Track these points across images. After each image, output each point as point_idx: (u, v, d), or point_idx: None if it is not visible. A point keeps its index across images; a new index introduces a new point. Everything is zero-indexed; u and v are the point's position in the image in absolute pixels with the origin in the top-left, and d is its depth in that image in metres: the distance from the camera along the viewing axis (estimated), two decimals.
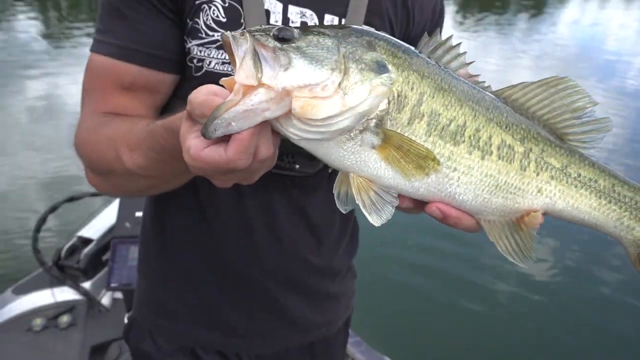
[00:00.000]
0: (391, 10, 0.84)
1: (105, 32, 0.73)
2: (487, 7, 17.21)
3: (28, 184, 4.12)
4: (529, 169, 0.60)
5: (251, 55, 0.47)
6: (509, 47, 10.51)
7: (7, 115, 5.64)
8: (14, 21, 10.87)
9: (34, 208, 3.70)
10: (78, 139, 0.76)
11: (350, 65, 0.50)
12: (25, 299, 1.80)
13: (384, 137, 0.52)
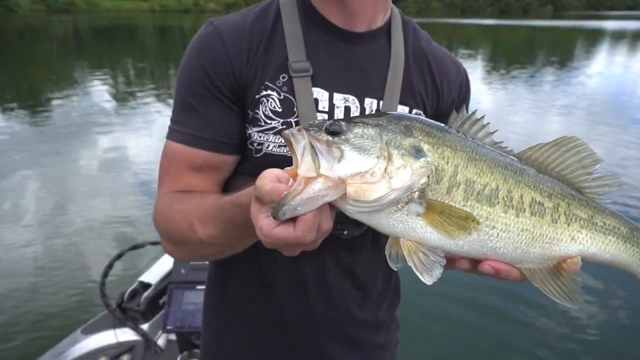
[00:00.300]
0: (422, 90, 0.87)
1: (179, 123, 0.81)
2: (514, 62, 17.14)
3: (94, 230, 4.24)
4: (560, 221, 0.63)
5: (309, 150, 0.52)
6: (537, 99, 10.30)
7: (79, 167, 5.93)
8: (90, 87, 11.67)
9: (100, 252, 3.82)
10: (156, 214, 0.82)
11: (393, 151, 0.55)
12: (92, 339, 1.83)
13: (427, 206, 0.56)
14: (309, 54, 0.80)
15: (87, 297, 3.17)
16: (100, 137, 7.27)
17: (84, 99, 10.20)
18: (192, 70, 0.79)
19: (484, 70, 14.99)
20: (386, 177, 0.53)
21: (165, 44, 25.18)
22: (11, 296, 3.28)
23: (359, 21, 0.82)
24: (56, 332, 2.41)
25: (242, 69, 0.78)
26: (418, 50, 0.88)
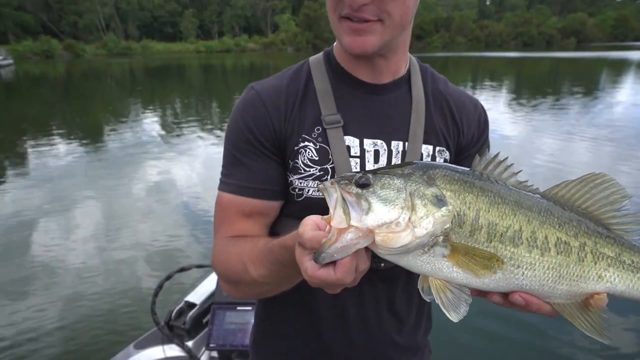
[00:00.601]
0: (443, 128, 0.89)
1: (228, 176, 0.86)
2: (539, 92, 16.78)
3: (144, 251, 4.34)
4: (587, 259, 0.61)
5: (341, 202, 0.55)
6: (564, 128, 9.92)
7: (131, 192, 6.12)
8: (142, 120, 12.22)
9: (149, 272, 3.94)
10: (214, 258, 0.87)
11: (416, 202, 0.55)
12: (143, 353, 1.86)
13: (452, 248, 0.57)
14: (338, 106, 0.84)
15: (139, 314, 3.24)
16: (150, 165, 7.53)
17: (136, 130, 10.67)
18: (238, 129, 0.85)
19: (509, 101, 14.72)
20: (410, 226, 0.54)
21: (208, 81, 26.02)
22: (72, 312, 3.39)
23: (384, 76, 0.86)
24: (112, 346, 2.46)
25: (281, 125, 0.83)
26: (437, 93, 0.90)
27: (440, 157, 0.87)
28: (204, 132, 10.37)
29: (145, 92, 20.55)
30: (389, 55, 0.84)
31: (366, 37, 0.75)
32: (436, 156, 0.87)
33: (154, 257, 4.24)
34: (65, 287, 3.76)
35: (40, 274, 4.02)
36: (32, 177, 7.09)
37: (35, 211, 5.50)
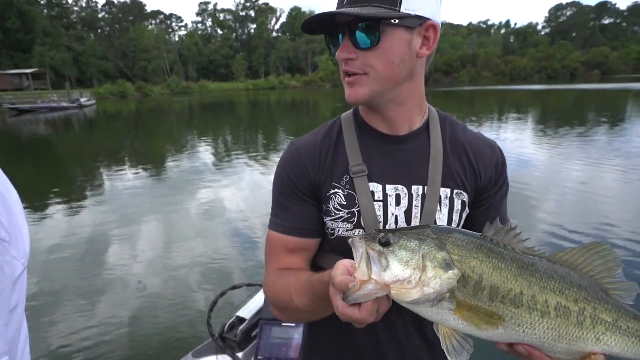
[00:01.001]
0: (461, 172, 0.88)
1: (276, 217, 0.91)
2: (565, 123, 16.12)
3: (198, 268, 4.44)
4: (585, 323, 0.61)
5: (365, 258, 0.59)
6: (592, 158, 9.37)
7: (187, 215, 6.31)
8: (198, 149, 12.74)
9: (204, 287, 4.03)
10: (265, 287, 0.92)
11: (427, 264, 0.58)
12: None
13: (457, 304, 0.59)
14: (364, 157, 0.87)
15: (196, 325, 3.32)
16: (204, 189, 7.75)
17: (193, 158, 11.12)
18: (282, 179, 0.90)
19: (535, 131, 14.23)
20: (420, 284, 0.57)
21: (255, 115, 26.83)
22: (135, 323, 3.49)
23: (400, 128, 0.88)
24: (173, 353, 2.53)
25: (316, 175, 0.88)
26: (455, 140, 0.90)
27: (458, 199, 0.87)
28: (251, 160, 10.64)
29: (201, 125, 21.43)
30: (395, 108, 0.85)
31: (357, 89, 0.80)
32: (454, 198, 0.87)
33: (208, 274, 4.33)
34: (132, 297, 3.90)
35: (111, 284, 4.18)
36: (106, 198, 7.52)
37: (107, 228, 5.79)
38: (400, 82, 0.81)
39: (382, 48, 0.76)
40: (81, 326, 3.48)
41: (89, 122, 25.22)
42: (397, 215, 0.85)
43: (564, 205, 6.36)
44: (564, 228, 5.32)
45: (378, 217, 0.84)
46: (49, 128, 21.76)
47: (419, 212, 0.85)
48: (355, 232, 0.85)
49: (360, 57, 0.77)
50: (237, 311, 2.12)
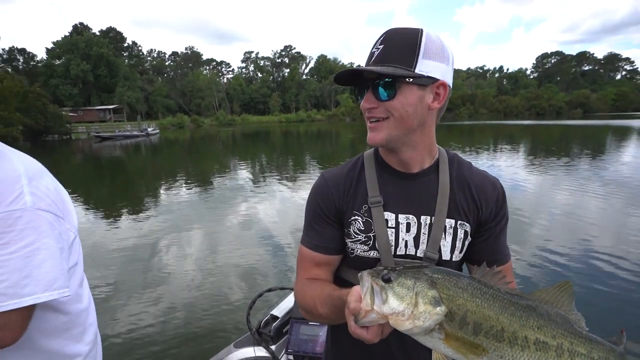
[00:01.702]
0: (465, 205, 0.87)
1: (306, 235, 0.92)
2: (552, 154, 15.65)
3: (236, 271, 4.44)
4: (563, 356, 0.59)
5: (370, 290, 0.60)
6: (576, 185, 9.06)
7: (228, 225, 6.36)
8: (238, 171, 12.93)
9: (243, 287, 4.02)
10: (296, 293, 0.93)
11: (419, 300, 0.58)
12: (240, 352, 1.89)
13: (446, 334, 0.58)
14: (381, 189, 0.87)
15: (237, 319, 3.32)
16: (242, 204, 7.82)
17: (233, 179, 11.25)
18: (312, 204, 0.92)
19: (525, 161, 13.83)
20: (412, 317, 0.57)
21: (287, 142, 27.18)
22: (186, 313, 3.51)
23: (412, 167, 0.87)
24: (218, 342, 2.53)
25: (341, 203, 0.88)
26: (461, 177, 0.88)
27: (461, 229, 0.85)
28: (282, 179, 10.73)
29: (242, 150, 21.90)
30: (408, 151, 0.85)
31: (377, 133, 0.81)
32: (458, 228, 0.85)
33: (246, 276, 4.33)
34: (185, 291, 3.92)
35: (167, 279, 4.24)
36: (165, 208, 7.70)
37: (164, 233, 5.92)
38: (413, 129, 0.82)
39: (397, 100, 0.77)
40: (142, 311, 3.53)
41: (153, 147, 26.15)
42: (406, 240, 0.84)
43: (552, 225, 6.11)
44: (551, 246, 5.10)
45: (390, 242, 0.84)
46: (123, 152, 22.68)
47: (426, 239, 0.84)
48: (371, 253, 0.85)
49: (379, 106, 0.79)
50: (271, 310, 2.10)
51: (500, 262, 0.89)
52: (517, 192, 8.41)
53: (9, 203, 0.72)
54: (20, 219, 0.72)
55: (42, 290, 0.72)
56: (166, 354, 2.93)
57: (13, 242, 0.70)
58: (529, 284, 4.00)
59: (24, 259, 0.71)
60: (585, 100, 78.66)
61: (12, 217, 0.71)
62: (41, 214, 0.75)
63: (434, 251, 0.83)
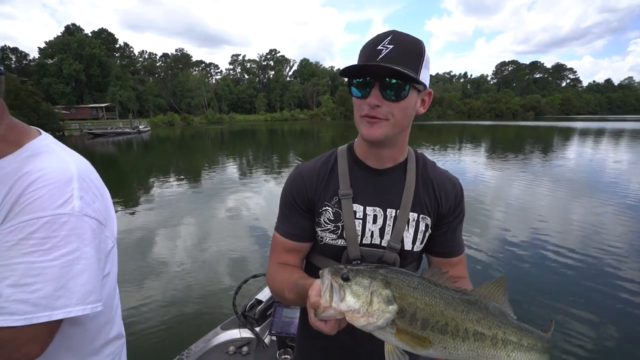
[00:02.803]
0: (427, 200, 0.87)
1: (279, 222, 0.91)
2: (508, 151, 16.20)
3: (224, 258, 4.38)
4: (498, 345, 0.61)
5: (329, 288, 0.59)
6: (528, 177, 9.54)
7: (216, 217, 6.24)
8: (226, 166, 12.69)
9: (230, 274, 3.96)
10: (267, 276, 0.91)
11: (374, 299, 0.58)
12: (227, 333, 1.86)
13: (397, 329, 0.59)
14: (352, 183, 0.86)
15: (224, 303, 3.27)
16: (230, 197, 7.69)
17: (221, 173, 11.01)
18: (286, 195, 0.90)
19: (486, 157, 14.26)
20: (366, 315, 0.57)
21: (272, 140, 26.85)
22: (175, 298, 3.44)
23: (385, 163, 0.87)
24: (206, 325, 2.48)
25: (313, 194, 0.87)
26: (425, 176, 0.88)
27: (423, 222, 0.85)
28: (267, 175, 10.61)
29: (230, 147, 21.48)
30: (391, 147, 0.85)
31: (376, 128, 0.77)
32: (420, 221, 0.85)
33: (232, 263, 4.27)
34: (174, 278, 3.83)
35: (157, 267, 4.13)
36: (156, 201, 7.46)
37: (155, 225, 5.75)
38: (404, 130, 0.82)
39: (404, 103, 0.75)
40: (133, 297, 3.43)
41: (145, 143, 25.28)
42: (372, 231, 0.83)
43: (509, 213, 6.34)
44: (508, 230, 5.31)
45: (357, 231, 0.83)
46: (115, 148, 21.80)
47: (390, 230, 0.83)
48: (339, 241, 0.84)
49: (385, 105, 0.75)
50: (256, 294, 2.08)
51: (456, 253, 0.90)
52: (480, 184, 8.67)
53: (58, 206, 0.62)
54: (66, 224, 0.63)
55: (75, 303, 0.63)
56: (154, 336, 2.86)
57: (55, 248, 0.61)
58: (489, 269, 4.13)
59: (62, 268, 0.62)
60: (536, 104, 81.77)
61: (59, 222, 0.62)
62: (87, 220, 0.66)
63: (397, 241, 0.83)
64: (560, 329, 2.94)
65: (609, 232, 5.20)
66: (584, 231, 5.26)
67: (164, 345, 2.73)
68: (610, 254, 4.37)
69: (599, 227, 5.44)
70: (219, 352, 1.75)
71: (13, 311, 0.58)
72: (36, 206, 0.61)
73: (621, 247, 4.58)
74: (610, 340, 2.82)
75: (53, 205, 0.62)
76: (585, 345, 2.74)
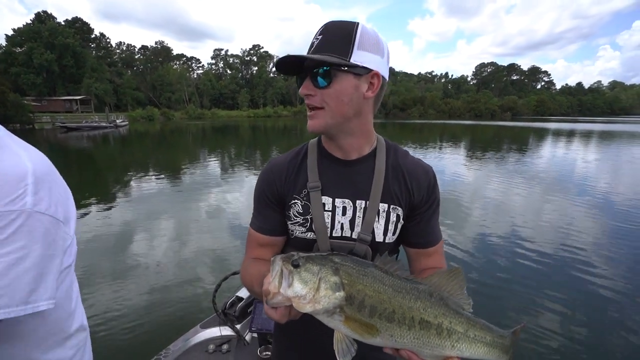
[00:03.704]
0: (397, 190, 0.85)
1: (253, 217, 0.90)
2: (487, 149, 16.71)
3: (204, 255, 4.30)
4: (443, 334, 0.61)
5: (279, 274, 0.58)
6: (505, 174, 9.94)
7: (197, 213, 6.12)
8: (207, 162, 12.45)
9: (209, 271, 3.89)
10: (241, 272, 0.90)
11: (321, 285, 0.57)
12: (206, 332, 1.83)
13: (345, 316, 0.58)
14: (320, 175, 0.85)
15: (203, 302, 3.21)
16: (211, 193, 7.56)
17: (203, 169, 10.80)
18: (258, 190, 0.90)
19: (465, 154, 14.66)
20: (313, 301, 0.57)
21: (255, 136, 26.55)
22: (154, 298, 3.35)
23: (351, 154, 0.86)
24: (185, 324, 2.42)
25: (282, 188, 0.87)
26: (396, 165, 0.87)
27: (394, 213, 0.84)
28: (249, 171, 10.50)
29: (212, 143, 21.07)
30: (347, 137, 0.83)
31: (314, 121, 0.79)
32: (390, 212, 0.84)
33: (212, 261, 4.20)
34: (152, 277, 3.73)
35: (135, 266, 4.01)
36: (134, 198, 7.23)
37: (133, 222, 5.57)
38: (349, 117, 0.80)
39: (333, 88, 0.74)
40: (110, 297, 3.33)
41: (122, 138, 24.39)
42: (342, 223, 0.82)
43: (487, 208, 6.55)
44: (486, 224, 5.51)
45: (326, 224, 0.82)
46: (91, 143, 20.93)
47: (360, 222, 0.82)
48: (308, 234, 0.83)
49: (318, 94, 0.76)
50: (236, 292, 2.05)
51: (432, 243, 0.88)
52: (458, 181, 8.91)
53: (8, 202, 0.61)
54: (15, 221, 0.61)
55: (17, 304, 0.61)
56: (131, 337, 2.78)
57: (1, 245, 0.59)
58: (468, 261, 4.25)
59: (7, 267, 0.60)
60: (513, 105, 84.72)
61: (7, 219, 0.60)
62: (39, 217, 0.64)
63: (368, 233, 0.82)
64: (531, 319, 3.06)
65: (578, 227, 5.47)
66: (555, 226, 5.50)
67: (141, 346, 2.66)
68: (579, 249, 4.60)
69: (569, 222, 5.71)
70: (199, 351, 1.71)
71: None
72: None
73: (589, 241, 4.82)
74: (579, 327, 2.97)
75: (2, 201, 0.60)
76: (555, 334, 2.87)
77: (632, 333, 2.89)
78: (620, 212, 6.27)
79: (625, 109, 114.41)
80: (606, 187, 8.42)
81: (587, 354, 2.66)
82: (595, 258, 4.31)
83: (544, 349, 2.71)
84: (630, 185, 8.71)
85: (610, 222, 5.70)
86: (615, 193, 7.77)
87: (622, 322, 3.03)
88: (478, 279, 3.78)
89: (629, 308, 3.26)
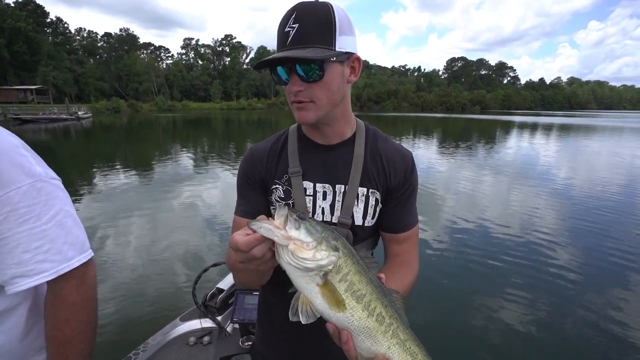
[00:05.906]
0: (375, 174, 0.87)
1: (237, 203, 0.90)
2: (457, 141, 17.33)
3: (180, 250, 4.22)
4: (388, 333, 0.63)
5: (284, 218, 0.58)
6: (474, 165, 10.40)
7: (170, 208, 5.95)
8: (179, 156, 12.05)
9: (187, 265, 3.82)
10: (226, 260, 0.86)
11: (323, 242, 0.59)
12: (186, 324, 1.80)
13: (324, 282, 0.59)
14: (301, 161, 0.86)
15: (182, 296, 3.16)
16: (184, 188, 7.36)
17: (175, 164, 10.47)
18: (240, 176, 0.91)
19: (437, 147, 15.14)
20: (313, 250, 0.58)
21: (228, 129, 25.97)
22: (130, 296, 3.25)
23: (332, 139, 0.87)
24: (163, 318, 2.39)
25: (264, 172, 0.88)
26: (374, 149, 0.89)
27: (373, 197, 0.86)
28: (223, 165, 10.29)
29: (183, 136, 20.37)
30: (331, 124, 0.85)
31: (305, 112, 0.78)
32: (369, 196, 0.84)
33: (190, 255, 4.13)
34: (126, 276, 3.61)
35: (107, 264, 3.86)
36: (101, 196, 6.88)
37: (102, 220, 5.32)
38: (337, 105, 0.81)
39: (325, 81, 0.74)
40: None
41: (85, 131, 22.97)
42: (323, 207, 0.84)
43: (458, 198, 6.84)
44: (457, 214, 5.74)
45: (308, 208, 0.84)
46: (49, 136, 19.54)
47: (340, 206, 0.84)
48: None
49: (307, 88, 0.74)
50: (217, 284, 2.03)
51: (407, 227, 0.89)
52: (432, 171, 9.22)
53: (27, 176, 0.67)
54: (42, 190, 0.68)
55: (80, 252, 0.73)
56: (109, 333, 2.70)
57: (44, 212, 0.68)
58: (444, 255, 4.44)
59: (57, 228, 0.69)
60: (482, 99, 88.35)
61: (35, 189, 0.67)
62: (55, 182, 0.73)
63: (347, 217, 0.83)
64: (499, 306, 3.27)
65: (542, 214, 5.85)
66: (520, 213, 5.86)
67: (119, 341, 2.58)
68: (543, 234, 4.93)
69: (533, 210, 6.10)
70: (179, 344, 1.69)
71: (41, 270, 0.67)
72: (5, 179, 0.64)
73: (552, 227, 5.18)
74: (543, 312, 3.21)
75: (22, 174, 0.66)
76: (522, 321, 3.09)
77: (589, 311, 3.17)
78: (578, 199, 6.77)
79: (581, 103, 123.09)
80: (565, 175, 9.05)
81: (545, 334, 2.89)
82: (556, 242, 4.64)
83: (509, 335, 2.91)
84: (587, 173, 9.41)
85: (570, 208, 6.15)
86: (573, 181, 8.37)
87: (579, 302, 3.31)
88: (442, 266, 3.97)
89: (584, 288, 3.56)
